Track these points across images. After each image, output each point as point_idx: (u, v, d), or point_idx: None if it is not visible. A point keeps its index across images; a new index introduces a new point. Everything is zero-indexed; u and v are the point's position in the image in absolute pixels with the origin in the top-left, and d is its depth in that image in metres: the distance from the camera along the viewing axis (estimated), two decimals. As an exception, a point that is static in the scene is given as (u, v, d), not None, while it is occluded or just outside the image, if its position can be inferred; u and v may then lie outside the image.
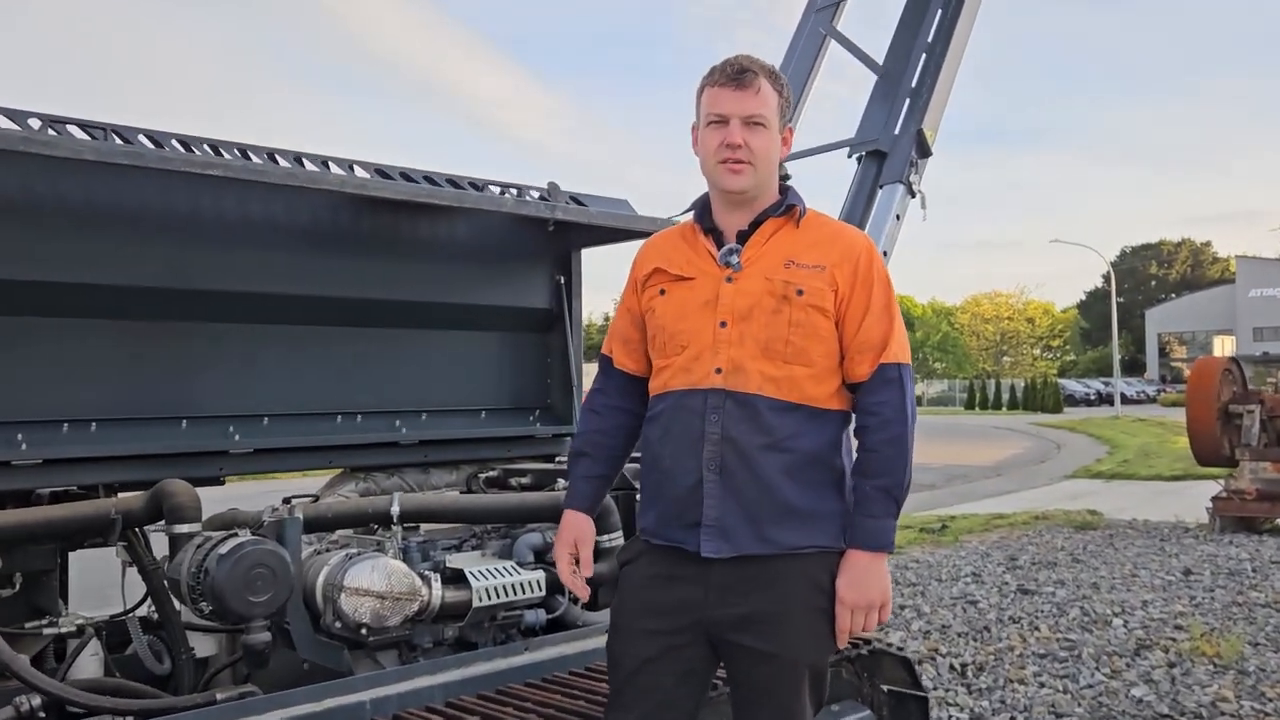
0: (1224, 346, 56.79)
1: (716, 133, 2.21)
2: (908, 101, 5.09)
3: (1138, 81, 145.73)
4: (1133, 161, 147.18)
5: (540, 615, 3.25)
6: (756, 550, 2.15)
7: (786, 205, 2.27)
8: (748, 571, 2.16)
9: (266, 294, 3.30)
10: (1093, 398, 54.20)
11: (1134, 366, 69.20)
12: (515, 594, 3.12)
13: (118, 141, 2.71)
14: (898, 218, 4.80)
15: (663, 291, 2.28)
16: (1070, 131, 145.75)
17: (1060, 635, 5.82)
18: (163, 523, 2.90)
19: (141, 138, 2.78)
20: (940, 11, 5.29)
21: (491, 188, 3.60)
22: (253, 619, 2.70)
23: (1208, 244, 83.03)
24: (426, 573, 3.05)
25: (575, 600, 3.29)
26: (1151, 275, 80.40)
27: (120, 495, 3.11)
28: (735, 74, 2.20)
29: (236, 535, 2.75)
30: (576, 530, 2.41)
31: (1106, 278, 54.79)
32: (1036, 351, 75.96)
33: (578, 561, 2.40)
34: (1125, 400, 45.82)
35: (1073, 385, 57.22)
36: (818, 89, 5.77)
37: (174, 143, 2.83)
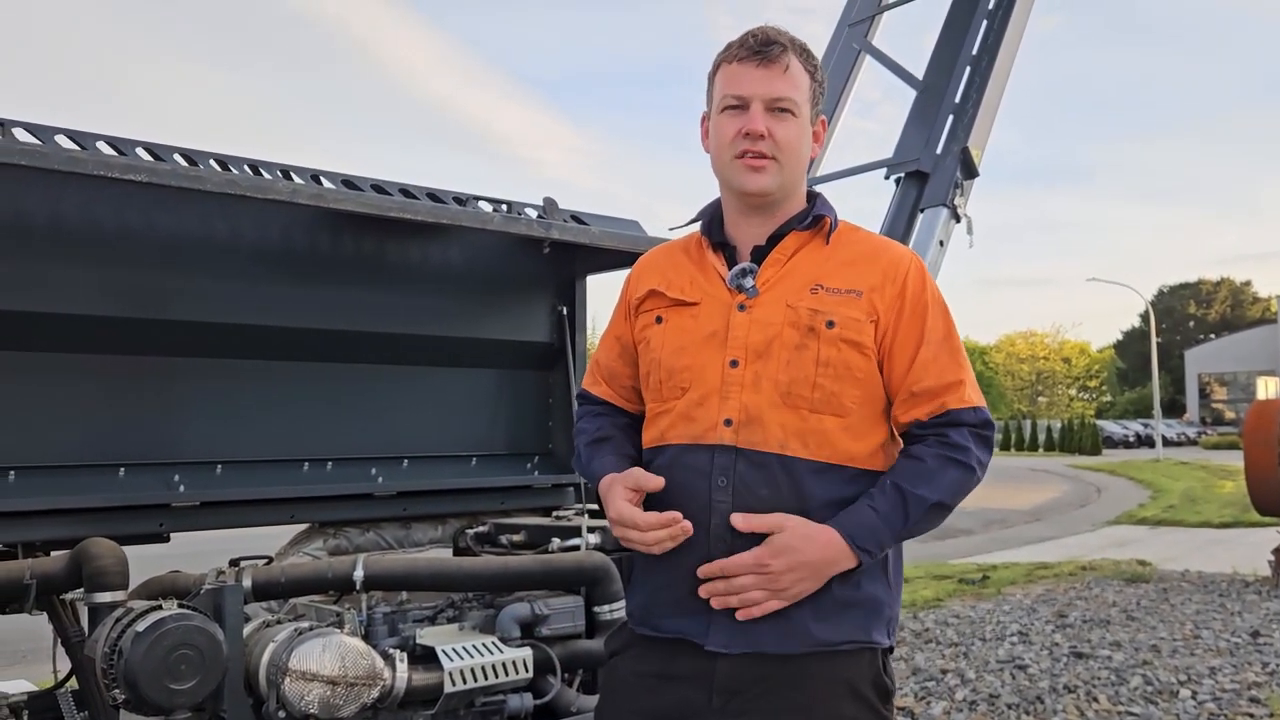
0: (1268, 388, 55.33)
1: (734, 120, 1.78)
2: (951, 118, 4.63)
3: (1174, 119, 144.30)
4: (1170, 200, 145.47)
5: (527, 700, 2.78)
6: (779, 647, 1.70)
7: (814, 216, 1.83)
8: (763, 670, 1.71)
9: (219, 324, 2.88)
10: (1131, 440, 52.92)
11: (1173, 408, 67.69)
12: (496, 676, 2.67)
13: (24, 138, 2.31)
14: (941, 244, 4.32)
15: (659, 319, 1.84)
16: (1106, 169, 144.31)
17: (1122, 708, 5.26)
18: (82, 590, 2.49)
19: (60, 138, 2.38)
20: (985, 23, 4.85)
21: (481, 204, 3.18)
22: (174, 711, 2.27)
23: (1247, 283, 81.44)
24: (391, 651, 2.60)
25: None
26: (1190, 315, 78.96)
27: (50, 555, 2.71)
28: (760, 46, 1.77)
29: (160, 608, 2.32)
30: (619, 478, 1.80)
31: (1144, 317, 53.75)
32: (1073, 392, 74.51)
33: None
34: (1166, 443, 44.57)
35: (1111, 427, 55.91)
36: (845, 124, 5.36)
37: (100, 144, 2.42)
